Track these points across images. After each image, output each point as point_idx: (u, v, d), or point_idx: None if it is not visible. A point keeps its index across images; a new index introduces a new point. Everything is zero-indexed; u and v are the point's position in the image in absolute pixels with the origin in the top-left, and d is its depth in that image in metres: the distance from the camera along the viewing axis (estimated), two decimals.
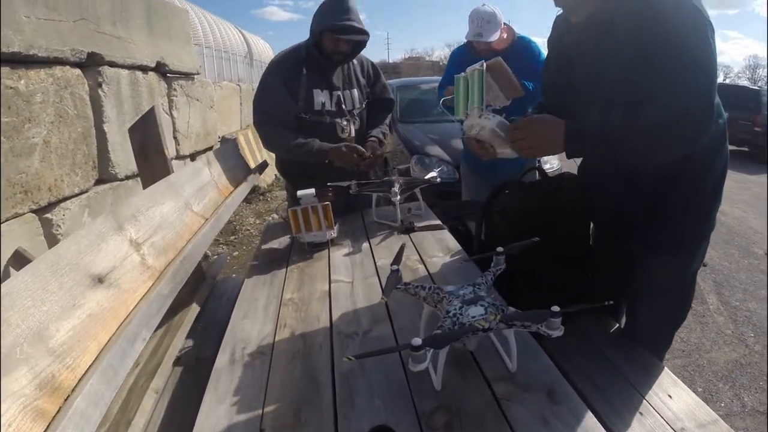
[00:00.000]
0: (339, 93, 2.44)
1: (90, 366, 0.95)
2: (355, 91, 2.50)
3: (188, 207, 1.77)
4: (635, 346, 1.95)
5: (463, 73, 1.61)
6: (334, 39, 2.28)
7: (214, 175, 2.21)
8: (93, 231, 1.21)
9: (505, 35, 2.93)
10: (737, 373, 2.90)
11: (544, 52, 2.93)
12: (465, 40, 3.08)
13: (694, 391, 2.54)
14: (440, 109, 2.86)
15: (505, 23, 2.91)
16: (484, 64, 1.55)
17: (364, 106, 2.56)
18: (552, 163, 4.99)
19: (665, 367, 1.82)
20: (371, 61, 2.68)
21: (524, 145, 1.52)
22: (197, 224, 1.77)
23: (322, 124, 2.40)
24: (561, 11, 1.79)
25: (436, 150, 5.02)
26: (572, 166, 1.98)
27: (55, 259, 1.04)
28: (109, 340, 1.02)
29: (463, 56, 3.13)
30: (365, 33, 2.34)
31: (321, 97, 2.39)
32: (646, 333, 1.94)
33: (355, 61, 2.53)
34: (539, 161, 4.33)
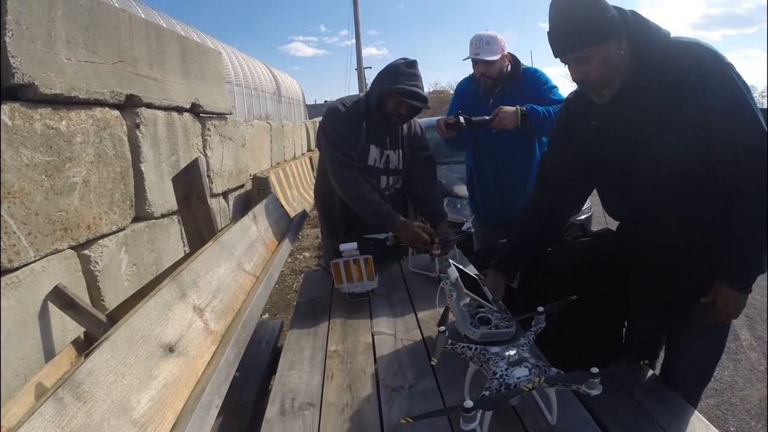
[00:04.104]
0: (388, 152, 2.53)
1: None
2: (400, 152, 2.59)
3: (241, 267, 1.85)
4: (668, 391, 1.97)
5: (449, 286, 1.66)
6: (398, 101, 2.36)
7: (260, 230, 2.28)
8: (160, 301, 1.28)
9: (507, 65, 2.88)
10: None
11: (552, 80, 2.90)
12: (464, 60, 2.96)
13: (727, 431, 2.53)
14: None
15: (508, 52, 2.86)
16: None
17: (405, 167, 2.64)
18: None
19: (697, 413, 1.84)
20: (418, 122, 2.74)
21: None
22: (250, 284, 1.84)
23: (369, 180, 2.47)
24: (573, 91, 1.85)
25: (464, 190, 4.94)
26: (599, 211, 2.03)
27: (129, 333, 1.11)
28: (183, 408, 1.09)
29: (465, 90, 3.12)
30: (426, 102, 2.44)
31: (375, 153, 2.48)
32: (685, 375, 1.97)
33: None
34: None
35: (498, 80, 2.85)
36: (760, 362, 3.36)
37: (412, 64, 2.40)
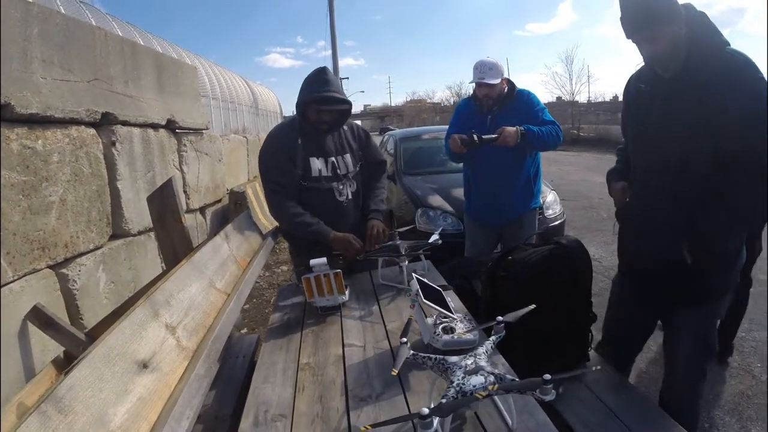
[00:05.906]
0: (333, 159, 2.59)
1: None
2: (348, 156, 2.66)
3: (212, 285, 1.90)
4: (634, 393, 2.06)
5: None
6: (317, 110, 2.47)
7: (232, 248, 2.33)
8: (134, 321, 1.34)
9: (505, 87, 3.26)
10: (744, 405, 2.91)
11: (541, 100, 3.32)
12: (470, 83, 3.35)
13: (700, 427, 2.59)
14: (444, 157, 3.60)
15: (505, 77, 3.23)
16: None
17: (358, 168, 2.71)
18: (554, 209, 5.08)
19: (663, 411, 1.93)
20: (361, 126, 2.86)
21: None
22: (221, 301, 1.89)
23: (320, 190, 2.54)
24: (638, 68, 2.07)
25: (438, 201, 5.05)
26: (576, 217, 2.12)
27: (106, 351, 1.17)
28: (157, 420, 1.15)
29: (464, 109, 3.46)
30: (347, 102, 2.54)
31: (317, 164, 2.54)
32: (681, 377, 2.09)
33: (345, 126, 2.71)
34: (541, 206, 4.53)
35: (497, 100, 3.26)
36: (732, 358, 3.42)
37: (322, 70, 2.51)
